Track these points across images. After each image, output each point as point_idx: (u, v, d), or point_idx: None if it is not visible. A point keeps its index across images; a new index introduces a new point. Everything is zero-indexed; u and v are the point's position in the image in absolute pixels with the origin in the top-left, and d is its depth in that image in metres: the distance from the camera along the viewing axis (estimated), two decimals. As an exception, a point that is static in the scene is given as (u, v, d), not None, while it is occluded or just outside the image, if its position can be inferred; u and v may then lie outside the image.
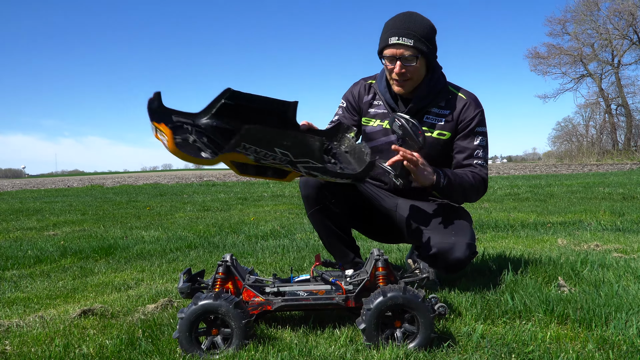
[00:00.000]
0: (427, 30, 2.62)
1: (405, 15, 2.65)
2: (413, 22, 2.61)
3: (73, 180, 38.97)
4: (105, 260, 4.55)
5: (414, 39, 2.57)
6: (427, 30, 2.62)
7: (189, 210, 9.52)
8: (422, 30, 2.60)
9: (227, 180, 25.65)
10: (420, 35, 2.58)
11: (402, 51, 2.59)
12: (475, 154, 2.71)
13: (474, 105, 2.75)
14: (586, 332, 2.12)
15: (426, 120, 2.75)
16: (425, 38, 2.60)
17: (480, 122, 2.74)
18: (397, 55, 2.60)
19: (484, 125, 2.77)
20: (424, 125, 2.75)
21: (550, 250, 4.02)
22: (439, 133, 2.75)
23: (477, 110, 2.74)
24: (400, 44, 2.57)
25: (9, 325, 2.50)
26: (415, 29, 2.58)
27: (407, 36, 2.57)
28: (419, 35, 2.58)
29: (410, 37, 2.57)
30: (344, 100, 2.95)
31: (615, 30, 38.05)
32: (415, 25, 2.60)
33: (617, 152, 39.12)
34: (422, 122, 2.74)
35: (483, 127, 2.76)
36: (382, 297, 1.96)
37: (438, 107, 2.75)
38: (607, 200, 8.59)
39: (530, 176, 19.38)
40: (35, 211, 10.00)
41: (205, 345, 2.02)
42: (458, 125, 2.73)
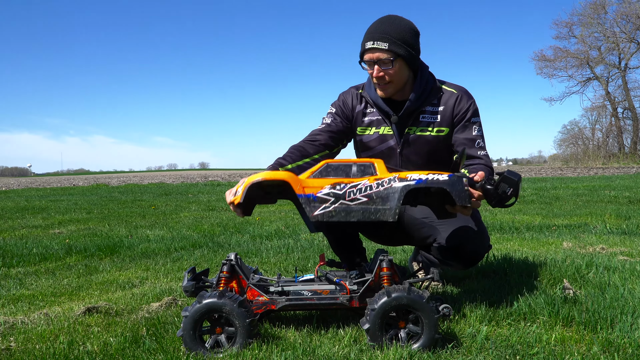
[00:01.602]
0: (404, 33, 2.61)
1: (382, 20, 2.65)
2: (390, 25, 2.61)
3: (78, 179, 39.13)
4: (110, 259, 4.56)
5: (389, 42, 2.57)
6: (404, 33, 2.61)
7: (194, 209, 9.54)
8: (398, 33, 2.59)
9: (232, 180, 25.69)
10: (396, 38, 2.58)
11: (377, 55, 2.58)
12: (477, 144, 2.73)
13: (466, 97, 2.77)
14: (591, 335, 2.10)
15: (422, 119, 2.75)
16: (402, 40, 2.59)
17: (474, 112, 2.76)
18: (373, 59, 2.59)
19: (478, 115, 2.79)
20: (421, 124, 2.75)
21: (555, 252, 4.00)
22: (438, 130, 2.75)
23: (469, 101, 2.76)
24: (376, 47, 2.57)
25: (14, 322, 2.51)
26: (391, 32, 2.58)
27: (381, 40, 2.57)
28: (395, 38, 2.57)
29: (385, 40, 2.57)
30: (333, 107, 2.91)
31: (622, 34, 37.92)
32: (391, 29, 2.59)
33: (624, 155, 38.95)
34: (419, 121, 2.74)
35: (477, 117, 2.77)
36: (387, 297, 1.95)
37: (431, 104, 2.76)
38: (613, 204, 8.55)
39: (535, 179, 19.31)
40: (41, 209, 10.04)
41: (209, 343, 2.02)
42: (454, 118, 2.74)
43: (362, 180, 2.12)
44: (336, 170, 2.18)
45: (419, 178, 2.10)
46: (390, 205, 2.10)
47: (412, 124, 2.75)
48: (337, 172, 2.18)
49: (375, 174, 2.15)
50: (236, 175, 36.23)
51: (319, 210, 2.12)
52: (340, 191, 2.11)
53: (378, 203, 2.11)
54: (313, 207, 2.13)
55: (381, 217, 2.10)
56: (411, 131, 2.75)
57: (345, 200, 2.11)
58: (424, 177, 2.10)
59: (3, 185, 29.22)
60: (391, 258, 2.28)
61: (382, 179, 2.12)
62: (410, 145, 2.78)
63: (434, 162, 2.81)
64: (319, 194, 2.12)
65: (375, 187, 2.11)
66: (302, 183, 2.14)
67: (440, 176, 2.10)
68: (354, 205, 2.11)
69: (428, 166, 2.81)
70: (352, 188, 2.11)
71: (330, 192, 2.12)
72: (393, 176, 2.12)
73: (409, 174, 2.12)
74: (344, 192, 2.11)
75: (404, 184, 2.10)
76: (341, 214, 2.12)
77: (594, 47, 39.62)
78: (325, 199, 2.12)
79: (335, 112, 2.88)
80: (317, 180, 2.15)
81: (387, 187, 2.10)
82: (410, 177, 2.11)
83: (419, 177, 2.10)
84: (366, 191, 2.11)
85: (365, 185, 2.11)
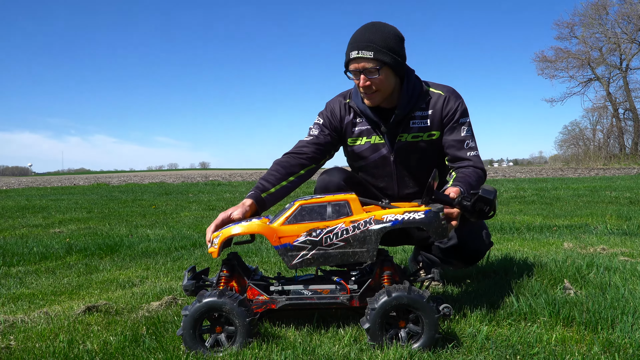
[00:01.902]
0: (389, 40, 2.56)
1: (366, 27, 2.60)
2: (374, 33, 2.55)
3: (79, 178, 39.15)
4: (110, 258, 4.56)
5: (374, 51, 2.51)
6: (388, 40, 2.56)
7: (195, 209, 9.54)
8: (383, 40, 2.54)
9: (233, 180, 25.69)
10: (380, 46, 2.52)
11: (363, 64, 2.52)
12: (466, 145, 2.69)
13: (454, 97, 2.72)
14: (592, 335, 2.10)
15: (413, 125, 2.71)
16: (387, 48, 2.54)
17: (463, 112, 2.71)
18: (359, 69, 2.54)
19: (467, 115, 2.75)
20: (412, 131, 2.72)
21: (556, 253, 4.00)
22: (429, 134, 2.72)
23: (457, 101, 2.71)
24: (361, 57, 2.52)
25: (14, 321, 2.51)
26: (376, 40, 2.53)
27: (366, 49, 2.51)
28: (379, 46, 2.52)
29: (370, 49, 2.51)
30: (320, 117, 2.85)
31: (623, 34, 37.86)
32: (375, 36, 2.54)
33: (624, 156, 38.90)
34: (409, 127, 2.71)
35: (466, 117, 2.73)
36: (387, 296, 1.95)
37: (420, 109, 2.72)
38: (613, 204, 8.54)
39: (536, 179, 19.30)
40: (41, 209, 10.05)
41: (209, 343, 2.02)
42: (443, 120, 2.70)
43: (337, 223, 2.11)
44: (311, 213, 2.15)
45: (394, 219, 2.09)
46: (367, 247, 2.11)
47: (403, 131, 2.72)
48: (312, 215, 2.15)
49: (351, 214, 2.13)
50: (236, 175, 36.23)
51: (297, 259, 2.14)
52: (317, 237, 2.11)
53: (355, 246, 2.11)
54: (291, 257, 2.14)
55: (359, 259, 2.12)
56: (402, 138, 2.73)
57: (323, 246, 2.12)
58: (400, 218, 2.09)
59: (4, 184, 29.24)
60: (391, 257, 2.27)
61: (357, 221, 2.10)
62: (403, 152, 2.76)
63: (428, 166, 2.80)
64: (295, 242, 2.12)
65: (352, 230, 2.10)
66: (277, 233, 2.13)
67: (416, 214, 2.09)
68: (331, 251, 2.12)
69: (423, 171, 2.81)
70: (329, 233, 2.11)
71: (306, 240, 2.12)
72: (369, 217, 2.10)
73: (385, 215, 2.10)
74: (320, 239, 2.11)
75: (380, 227, 2.09)
76: (319, 260, 2.13)
77: (595, 48, 39.60)
78: (302, 247, 2.12)
79: (322, 124, 2.82)
80: (293, 227, 2.13)
81: (363, 229, 2.10)
82: (385, 218, 2.09)
83: (394, 217, 2.09)
84: (343, 235, 2.11)
85: (341, 229, 2.11)
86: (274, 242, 2.13)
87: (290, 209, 2.17)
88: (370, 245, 2.10)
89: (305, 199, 2.19)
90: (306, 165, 2.73)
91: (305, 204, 2.17)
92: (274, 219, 2.22)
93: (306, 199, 2.19)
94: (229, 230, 2.18)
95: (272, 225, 2.15)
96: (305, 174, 2.74)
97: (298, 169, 2.70)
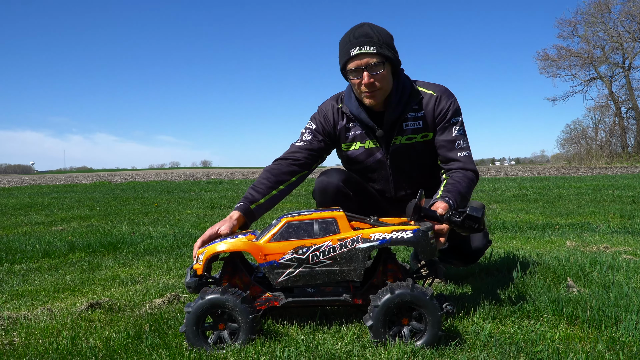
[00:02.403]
0: (386, 37, 2.55)
1: (360, 27, 2.58)
2: (371, 30, 2.54)
3: (81, 176, 39.19)
4: (112, 255, 4.56)
5: (376, 46, 2.49)
6: (385, 37, 2.55)
7: (196, 207, 9.54)
8: (381, 36, 2.53)
9: (235, 178, 25.70)
10: (380, 41, 2.51)
11: (366, 60, 2.49)
12: (457, 144, 2.66)
13: (446, 97, 2.69)
14: (596, 333, 2.10)
15: (407, 127, 2.69)
16: (386, 44, 2.53)
17: (455, 112, 2.69)
18: (362, 66, 2.50)
19: (459, 114, 2.72)
20: (406, 133, 2.69)
21: (558, 251, 3.99)
22: (423, 136, 2.71)
23: (449, 101, 2.68)
24: (364, 53, 2.48)
25: (17, 318, 2.51)
26: (375, 36, 2.51)
27: (368, 44, 2.48)
28: (380, 42, 2.50)
29: (372, 44, 2.49)
30: (313, 122, 2.81)
31: (626, 33, 37.79)
32: (372, 33, 2.52)
33: (627, 155, 38.83)
34: (403, 130, 2.69)
35: (458, 117, 2.70)
36: (390, 294, 1.95)
37: (412, 110, 2.69)
38: (616, 203, 8.52)
39: (538, 178, 19.27)
40: (44, 206, 10.06)
41: (211, 339, 2.02)
42: (435, 120, 2.68)
43: (324, 241, 2.10)
44: (297, 231, 2.13)
45: (382, 238, 2.08)
46: (354, 265, 2.10)
47: (397, 134, 2.70)
48: (299, 233, 2.13)
49: (338, 231, 2.11)
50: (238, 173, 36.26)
51: (283, 277, 2.13)
52: (303, 255, 2.10)
53: (342, 264, 2.10)
54: (276, 274, 2.13)
55: (346, 277, 2.11)
56: (397, 141, 2.71)
57: (309, 264, 2.11)
58: (388, 237, 2.07)
59: (6, 182, 29.29)
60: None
61: (345, 239, 2.09)
62: (399, 155, 2.74)
63: (424, 168, 2.79)
64: (281, 260, 2.11)
65: (339, 248, 2.09)
66: (263, 250, 2.12)
67: (404, 233, 2.07)
68: (318, 269, 2.11)
69: (419, 172, 2.80)
70: (315, 251, 2.09)
71: (292, 258, 2.11)
72: (356, 236, 2.09)
73: (372, 233, 2.09)
74: (307, 256, 2.10)
75: (367, 245, 2.08)
76: (305, 278, 2.12)
77: (598, 47, 39.52)
78: (289, 265, 2.11)
79: (315, 129, 2.79)
80: (279, 244, 2.12)
81: (350, 248, 2.09)
82: (373, 236, 2.08)
83: (382, 236, 2.08)
84: (330, 253, 2.09)
85: (328, 247, 2.09)
86: (260, 259, 2.12)
87: (277, 226, 2.15)
88: (358, 263, 2.09)
89: (291, 216, 2.17)
90: (297, 173, 2.70)
91: (291, 221, 2.15)
92: (260, 236, 2.21)
93: (293, 215, 2.18)
94: (213, 248, 2.17)
95: (258, 242, 2.14)
96: (296, 180, 2.71)
97: (289, 177, 2.67)
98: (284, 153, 2.76)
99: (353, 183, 2.78)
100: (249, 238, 2.21)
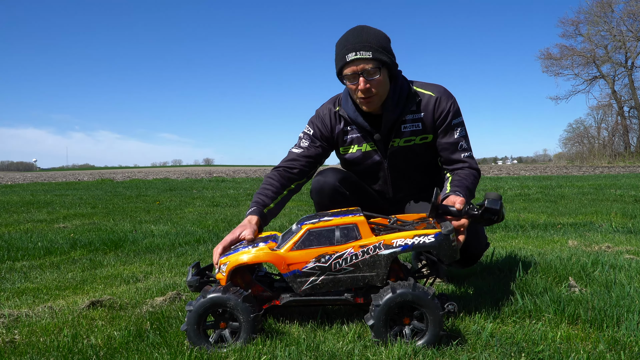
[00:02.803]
0: (382, 40, 2.52)
1: (356, 30, 2.53)
2: (366, 34, 2.50)
3: (83, 174, 39.25)
4: (114, 253, 4.57)
5: (372, 50, 2.45)
6: (382, 40, 2.52)
7: (198, 205, 9.55)
8: (378, 40, 2.49)
9: (237, 176, 25.71)
10: (377, 46, 2.47)
11: (362, 66, 2.46)
12: (460, 146, 2.66)
13: (445, 98, 2.67)
14: (597, 333, 2.09)
15: (404, 129, 2.68)
16: (383, 48, 2.50)
17: (455, 113, 2.67)
18: (358, 71, 2.47)
19: (460, 115, 2.70)
20: (404, 135, 2.68)
21: (560, 251, 3.98)
22: (422, 138, 2.70)
23: (449, 102, 2.66)
24: (360, 58, 2.45)
25: (19, 315, 2.52)
26: (371, 41, 2.47)
27: (364, 49, 2.44)
28: (376, 46, 2.46)
29: (368, 49, 2.45)
30: (311, 127, 2.80)
31: (629, 32, 37.72)
32: (369, 37, 2.49)
33: (629, 154, 38.78)
34: (401, 132, 2.68)
35: (459, 118, 2.69)
36: (392, 293, 1.94)
37: (411, 112, 2.67)
38: (618, 202, 8.50)
39: (540, 177, 19.24)
40: (46, 204, 10.08)
41: (213, 338, 2.02)
42: (436, 122, 2.66)
43: (346, 248, 2.09)
44: (319, 238, 2.12)
45: (404, 244, 2.07)
46: (377, 271, 2.10)
47: (395, 136, 2.69)
48: (320, 240, 2.12)
49: (359, 237, 2.11)
50: (240, 171, 36.27)
51: (306, 285, 2.13)
52: (326, 263, 2.09)
53: (365, 271, 2.10)
54: (300, 283, 2.12)
55: (369, 283, 2.11)
56: (395, 143, 2.70)
57: (332, 271, 2.10)
58: (410, 242, 2.07)
59: (9, 179, 29.34)
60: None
61: (367, 245, 2.08)
62: (397, 157, 2.74)
63: (422, 169, 2.79)
64: (304, 269, 2.11)
65: (361, 255, 2.08)
66: (285, 260, 2.11)
67: (426, 238, 2.07)
68: (341, 276, 2.11)
69: (417, 174, 2.80)
70: (338, 259, 2.09)
71: (315, 266, 2.10)
72: (378, 242, 2.08)
73: (394, 239, 2.08)
74: (329, 264, 2.09)
75: (389, 252, 2.08)
76: (329, 285, 2.12)
77: (601, 46, 39.47)
78: (312, 273, 2.11)
79: (313, 134, 2.78)
80: (301, 253, 2.11)
81: (372, 254, 2.08)
82: (395, 242, 2.08)
83: (404, 242, 2.07)
84: (352, 260, 2.09)
85: (350, 255, 2.09)
86: (283, 269, 2.11)
87: (298, 234, 2.14)
88: (380, 269, 2.09)
89: (312, 222, 2.15)
90: (296, 180, 2.71)
91: (313, 228, 2.13)
92: (281, 244, 2.19)
93: (314, 222, 2.16)
94: (237, 259, 2.16)
95: (280, 251, 2.13)
96: (296, 188, 2.73)
97: (289, 184, 2.69)
98: (282, 161, 2.76)
99: (350, 183, 2.78)
100: (270, 246, 2.19)
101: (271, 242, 2.24)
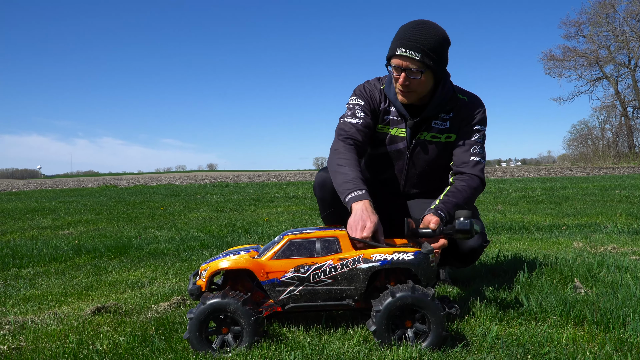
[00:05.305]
0: (438, 44, 2.53)
1: (417, 26, 2.54)
2: (424, 34, 2.51)
3: (88, 180, 39.38)
4: (119, 259, 4.58)
5: (422, 53, 2.47)
6: (437, 44, 2.52)
7: (203, 210, 9.56)
8: (432, 43, 2.50)
9: (241, 181, 25.74)
10: (428, 49, 2.49)
11: (407, 64, 2.49)
12: (473, 149, 2.69)
13: (477, 104, 2.76)
14: (603, 334, 2.08)
15: (434, 126, 2.73)
16: (434, 51, 2.51)
17: (481, 120, 2.74)
18: (402, 67, 2.51)
19: (484, 124, 2.76)
20: (433, 131, 2.73)
21: (566, 252, 3.97)
22: (447, 136, 2.74)
23: (479, 109, 2.74)
24: (407, 56, 2.48)
25: (24, 322, 2.52)
26: (425, 42, 2.49)
27: (414, 49, 2.47)
28: (427, 49, 2.48)
29: (418, 50, 2.47)
30: (360, 99, 2.77)
31: (632, 32, 37.65)
32: (425, 38, 2.50)
33: (634, 155, 38.65)
34: (431, 127, 2.73)
35: (482, 126, 2.74)
36: (391, 297, 1.94)
37: (445, 112, 2.73)
38: (623, 203, 8.47)
39: (545, 179, 19.19)
40: (51, 211, 10.11)
41: (216, 344, 2.01)
42: (461, 122, 2.73)
43: (326, 260, 2.10)
44: (299, 249, 2.14)
45: (383, 259, 2.08)
46: (355, 285, 2.10)
47: (424, 129, 2.73)
48: (301, 251, 2.13)
49: (340, 250, 2.12)
50: (244, 176, 36.31)
51: (284, 295, 2.13)
52: (305, 274, 2.10)
53: (343, 284, 2.11)
54: (278, 292, 2.13)
55: (347, 296, 2.12)
56: (422, 136, 2.74)
57: (310, 282, 2.11)
58: (389, 258, 2.08)
59: (13, 186, 29.46)
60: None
61: (346, 258, 2.09)
62: (420, 150, 2.77)
63: (439, 167, 2.81)
64: (282, 278, 2.11)
65: (340, 267, 2.09)
66: (265, 268, 2.12)
67: (405, 255, 2.08)
68: (319, 287, 2.12)
69: (432, 173, 2.81)
70: (317, 270, 2.10)
71: (294, 276, 2.11)
72: (357, 256, 2.09)
73: (374, 254, 2.09)
74: (308, 275, 2.10)
75: (368, 266, 2.08)
76: (307, 296, 2.13)
77: (603, 47, 39.43)
78: (290, 283, 2.12)
79: (364, 105, 2.76)
80: (280, 262, 2.12)
81: (351, 267, 2.09)
82: (374, 257, 2.09)
83: (383, 257, 2.08)
84: (331, 272, 2.10)
85: (329, 267, 2.10)
86: (262, 277, 2.12)
87: (279, 244, 2.16)
88: (358, 283, 2.10)
89: (294, 233, 2.18)
90: (362, 155, 2.75)
91: (294, 239, 2.16)
92: (262, 252, 2.21)
93: (295, 233, 2.18)
94: (216, 265, 2.17)
95: (260, 259, 2.15)
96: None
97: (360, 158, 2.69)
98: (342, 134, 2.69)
99: None
100: (252, 255, 2.21)
101: (252, 252, 2.27)
